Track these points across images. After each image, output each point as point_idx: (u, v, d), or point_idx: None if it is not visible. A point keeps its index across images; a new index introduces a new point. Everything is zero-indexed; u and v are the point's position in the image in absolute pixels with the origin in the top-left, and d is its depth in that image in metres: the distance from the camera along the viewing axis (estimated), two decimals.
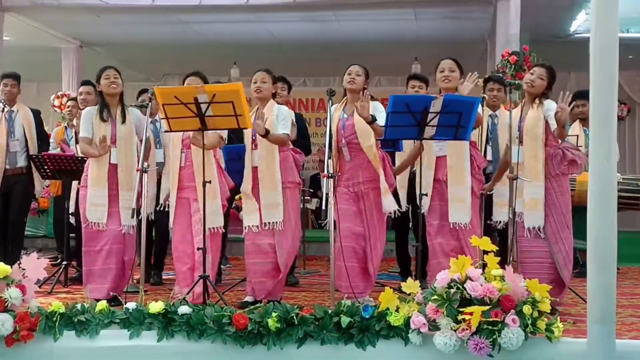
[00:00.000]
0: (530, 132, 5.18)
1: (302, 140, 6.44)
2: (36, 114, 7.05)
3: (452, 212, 5.35)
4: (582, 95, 7.12)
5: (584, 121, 6.32)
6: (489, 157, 6.41)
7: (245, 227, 5.61)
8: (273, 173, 5.52)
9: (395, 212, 5.56)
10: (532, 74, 5.34)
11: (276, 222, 5.50)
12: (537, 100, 5.25)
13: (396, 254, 6.83)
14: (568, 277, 5.21)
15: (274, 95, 5.74)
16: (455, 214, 5.35)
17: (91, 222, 5.58)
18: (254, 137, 5.56)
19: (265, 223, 5.51)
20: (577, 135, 6.72)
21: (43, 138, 7.06)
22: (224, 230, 5.69)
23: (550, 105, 5.18)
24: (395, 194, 5.75)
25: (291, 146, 5.70)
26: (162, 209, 5.84)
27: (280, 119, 5.56)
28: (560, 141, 5.22)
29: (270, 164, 5.53)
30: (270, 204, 5.51)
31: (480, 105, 5.20)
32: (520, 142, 5.21)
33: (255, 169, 5.56)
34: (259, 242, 5.54)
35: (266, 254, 5.53)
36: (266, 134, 5.39)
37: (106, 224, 5.55)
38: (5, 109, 6.82)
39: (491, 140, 6.43)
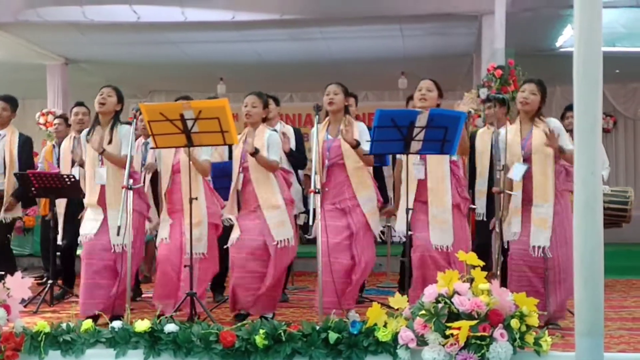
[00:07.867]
0: (539, 150, 5.20)
1: (298, 154, 6.41)
2: (25, 141, 6.81)
3: (433, 235, 5.20)
4: (571, 107, 7.15)
5: (573, 133, 6.29)
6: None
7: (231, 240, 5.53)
8: (272, 192, 5.48)
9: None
10: (523, 91, 5.34)
11: (288, 239, 5.47)
12: (537, 119, 5.30)
13: None
14: (563, 293, 5.20)
15: (264, 119, 5.70)
16: (437, 236, 5.20)
17: (82, 235, 5.52)
18: (242, 160, 5.52)
19: (277, 242, 5.41)
20: None
21: (28, 165, 6.76)
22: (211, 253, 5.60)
23: (556, 124, 5.29)
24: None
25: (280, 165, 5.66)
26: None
27: (271, 145, 5.53)
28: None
29: (267, 183, 5.48)
30: (278, 222, 5.44)
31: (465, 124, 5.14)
32: (524, 160, 5.22)
33: (244, 192, 5.52)
34: (252, 260, 5.46)
35: (255, 271, 5.47)
36: (255, 153, 5.38)
37: (94, 236, 5.43)
38: None
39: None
